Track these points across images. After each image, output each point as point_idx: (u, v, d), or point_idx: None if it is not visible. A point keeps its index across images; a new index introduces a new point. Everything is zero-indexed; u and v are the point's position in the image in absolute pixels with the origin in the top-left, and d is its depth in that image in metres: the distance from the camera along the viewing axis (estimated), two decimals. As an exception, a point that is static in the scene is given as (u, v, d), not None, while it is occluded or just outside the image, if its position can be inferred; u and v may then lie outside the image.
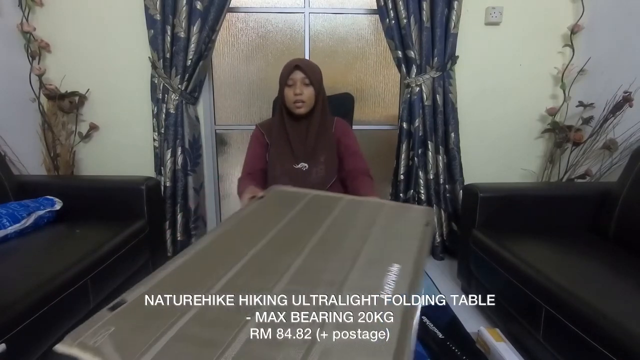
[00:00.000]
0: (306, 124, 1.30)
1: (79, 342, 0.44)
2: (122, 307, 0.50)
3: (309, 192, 0.96)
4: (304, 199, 0.90)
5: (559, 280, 0.99)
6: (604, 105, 1.71)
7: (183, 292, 0.53)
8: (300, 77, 1.24)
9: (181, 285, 0.56)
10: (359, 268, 0.62)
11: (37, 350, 0.95)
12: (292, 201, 0.89)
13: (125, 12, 1.85)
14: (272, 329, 0.47)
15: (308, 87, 1.25)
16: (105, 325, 0.47)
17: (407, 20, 1.77)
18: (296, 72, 1.23)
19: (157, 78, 1.84)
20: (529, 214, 1.47)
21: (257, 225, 0.79)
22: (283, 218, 0.80)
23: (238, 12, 2.03)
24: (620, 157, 1.64)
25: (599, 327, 0.82)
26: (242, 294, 0.53)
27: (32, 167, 1.82)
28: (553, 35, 1.95)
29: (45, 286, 0.98)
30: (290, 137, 1.29)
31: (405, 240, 0.72)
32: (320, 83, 1.29)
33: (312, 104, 1.28)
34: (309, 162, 1.28)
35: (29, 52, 1.79)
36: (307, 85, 1.25)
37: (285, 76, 1.25)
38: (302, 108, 1.26)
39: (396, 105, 2.17)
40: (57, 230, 1.40)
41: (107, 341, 0.45)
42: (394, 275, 0.59)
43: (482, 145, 2.05)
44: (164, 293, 0.52)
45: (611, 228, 1.32)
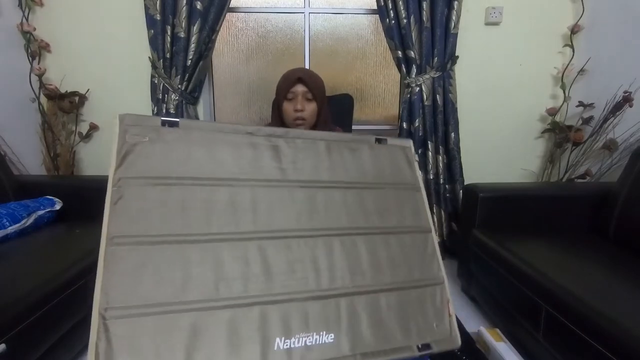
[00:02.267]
0: None
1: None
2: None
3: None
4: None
5: (559, 280, 0.99)
6: (604, 105, 1.71)
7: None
8: (303, 91, 1.11)
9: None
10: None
11: (37, 350, 0.95)
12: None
13: (125, 12, 1.85)
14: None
15: (310, 102, 1.13)
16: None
17: (407, 20, 1.77)
18: (298, 86, 1.11)
19: (157, 78, 1.84)
20: (529, 214, 1.47)
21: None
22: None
23: (238, 12, 2.03)
24: (620, 157, 1.64)
25: (599, 327, 0.82)
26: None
27: (32, 167, 1.82)
28: (553, 35, 1.95)
29: (45, 286, 0.98)
30: None
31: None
32: (323, 97, 1.17)
33: (314, 121, 1.16)
34: None
35: (29, 52, 1.79)
36: (309, 101, 1.13)
37: (285, 89, 1.12)
38: (302, 126, 1.14)
39: (396, 105, 2.17)
40: (57, 230, 1.40)
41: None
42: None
43: (482, 145, 2.05)
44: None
45: (611, 228, 1.32)
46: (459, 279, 1.64)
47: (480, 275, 1.42)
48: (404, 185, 0.83)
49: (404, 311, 0.68)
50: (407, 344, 0.64)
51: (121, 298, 0.52)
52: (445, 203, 1.95)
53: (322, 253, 0.67)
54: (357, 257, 0.70)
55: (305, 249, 0.66)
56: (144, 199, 0.60)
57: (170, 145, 0.65)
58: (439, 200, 1.95)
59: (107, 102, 1.95)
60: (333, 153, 0.78)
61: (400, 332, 0.65)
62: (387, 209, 0.78)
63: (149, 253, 0.56)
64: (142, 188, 0.61)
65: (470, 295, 1.55)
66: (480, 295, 1.45)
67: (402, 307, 0.68)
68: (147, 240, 0.57)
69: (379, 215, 0.76)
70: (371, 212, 0.76)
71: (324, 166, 0.76)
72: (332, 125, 1.28)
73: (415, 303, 0.70)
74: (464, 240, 1.53)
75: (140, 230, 0.57)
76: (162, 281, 0.55)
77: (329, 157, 0.77)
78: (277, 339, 0.57)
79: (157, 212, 0.60)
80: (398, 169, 0.84)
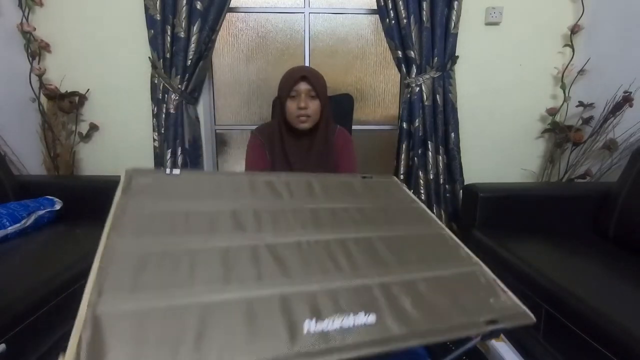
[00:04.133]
0: (308, 143, 1.20)
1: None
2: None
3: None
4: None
5: (559, 280, 0.99)
6: (604, 105, 1.71)
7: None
8: (306, 89, 1.11)
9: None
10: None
11: (37, 350, 0.95)
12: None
13: (125, 12, 1.85)
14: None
15: (314, 100, 1.13)
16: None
17: (407, 20, 1.77)
18: (301, 84, 1.11)
19: (157, 78, 1.84)
20: (529, 214, 1.47)
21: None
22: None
23: (238, 12, 2.03)
24: (620, 157, 1.64)
25: (598, 327, 0.82)
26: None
27: (32, 167, 1.82)
28: (553, 35, 1.95)
29: (45, 286, 0.98)
30: (290, 159, 1.19)
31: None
32: (326, 95, 1.18)
33: (317, 118, 1.17)
34: None
35: (29, 52, 1.79)
36: (312, 98, 1.13)
37: (289, 87, 1.12)
38: (306, 123, 1.14)
39: (396, 105, 2.17)
40: (57, 230, 1.40)
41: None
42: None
43: (482, 145, 2.05)
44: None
45: (611, 228, 1.32)
46: (459, 279, 1.64)
47: (480, 275, 1.41)
48: (400, 202, 0.85)
49: (448, 292, 0.57)
50: (468, 321, 0.52)
51: (117, 285, 0.47)
52: (445, 203, 1.95)
53: (337, 250, 0.61)
54: (377, 253, 0.64)
55: (318, 248, 0.61)
56: (149, 211, 0.61)
57: (175, 182, 0.70)
58: (439, 200, 1.95)
59: (107, 102, 1.95)
60: (326, 183, 0.82)
61: (455, 309, 0.54)
62: (392, 220, 0.76)
63: (152, 250, 0.53)
64: (145, 203, 0.63)
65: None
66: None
67: (444, 288, 0.58)
68: (151, 244, 0.54)
69: (387, 225, 0.74)
70: (378, 223, 0.74)
71: (319, 193, 0.78)
72: (333, 124, 1.28)
73: (457, 284, 0.60)
74: (464, 240, 1.52)
75: (144, 240, 0.55)
76: (166, 270, 0.50)
77: (322, 187, 0.80)
78: (307, 321, 0.46)
79: (161, 223, 0.59)
80: (390, 193, 0.88)
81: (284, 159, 1.19)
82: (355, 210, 0.75)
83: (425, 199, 1.93)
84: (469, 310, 0.53)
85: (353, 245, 0.64)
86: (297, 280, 0.52)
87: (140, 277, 0.49)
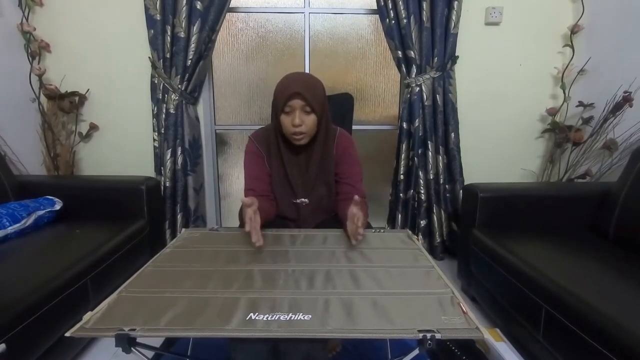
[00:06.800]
0: (306, 156, 1.15)
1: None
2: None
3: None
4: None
5: (559, 280, 0.99)
6: (604, 105, 1.71)
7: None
8: (300, 105, 1.04)
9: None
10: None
11: (37, 350, 0.95)
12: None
13: (125, 12, 1.85)
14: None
15: (309, 115, 1.06)
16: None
17: (407, 20, 1.77)
18: (295, 100, 1.03)
19: (157, 78, 1.84)
20: (529, 214, 1.47)
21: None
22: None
23: (238, 12, 2.03)
24: (620, 157, 1.64)
25: (598, 327, 0.82)
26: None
27: (32, 167, 1.83)
28: (553, 35, 1.95)
29: (45, 286, 0.98)
30: (288, 171, 1.15)
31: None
32: (322, 106, 1.09)
33: (314, 132, 1.10)
34: (309, 197, 1.17)
35: (29, 52, 1.79)
36: (307, 113, 1.06)
37: (282, 102, 1.04)
38: (302, 140, 1.09)
39: (396, 105, 2.17)
40: (57, 230, 1.40)
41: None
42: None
43: (482, 145, 2.05)
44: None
45: (611, 228, 1.32)
46: (459, 279, 1.64)
47: (480, 275, 1.42)
48: (405, 247, 1.02)
49: (404, 306, 0.70)
50: (404, 328, 0.62)
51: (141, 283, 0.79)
52: (445, 203, 1.95)
53: (319, 272, 0.83)
54: (356, 274, 0.83)
55: (299, 269, 0.85)
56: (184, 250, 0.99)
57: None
58: (439, 200, 1.95)
59: (107, 102, 1.95)
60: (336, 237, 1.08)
61: (399, 318, 0.65)
62: (389, 259, 0.92)
63: (177, 269, 0.86)
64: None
65: (470, 295, 1.55)
66: (480, 295, 1.45)
67: (403, 303, 0.71)
68: (178, 265, 0.88)
69: (382, 261, 0.91)
70: (373, 260, 0.91)
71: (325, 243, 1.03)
72: (333, 128, 1.22)
73: (418, 302, 0.71)
74: (464, 240, 1.53)
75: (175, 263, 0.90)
76: (183, 278, 0.81)
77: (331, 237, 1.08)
78: (256, 314, 0.66)
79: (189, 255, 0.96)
80: (400, 240, 1.06)
81: (283, 171, 1.16)
82: (356, 254, 0.95)
83: (425, 199, 1.94)
84: (412, 321, 0.65)
85: (335, 272, 0.84)
86: (264, 291, 0.75)
87: (162, 281, 0.80)
